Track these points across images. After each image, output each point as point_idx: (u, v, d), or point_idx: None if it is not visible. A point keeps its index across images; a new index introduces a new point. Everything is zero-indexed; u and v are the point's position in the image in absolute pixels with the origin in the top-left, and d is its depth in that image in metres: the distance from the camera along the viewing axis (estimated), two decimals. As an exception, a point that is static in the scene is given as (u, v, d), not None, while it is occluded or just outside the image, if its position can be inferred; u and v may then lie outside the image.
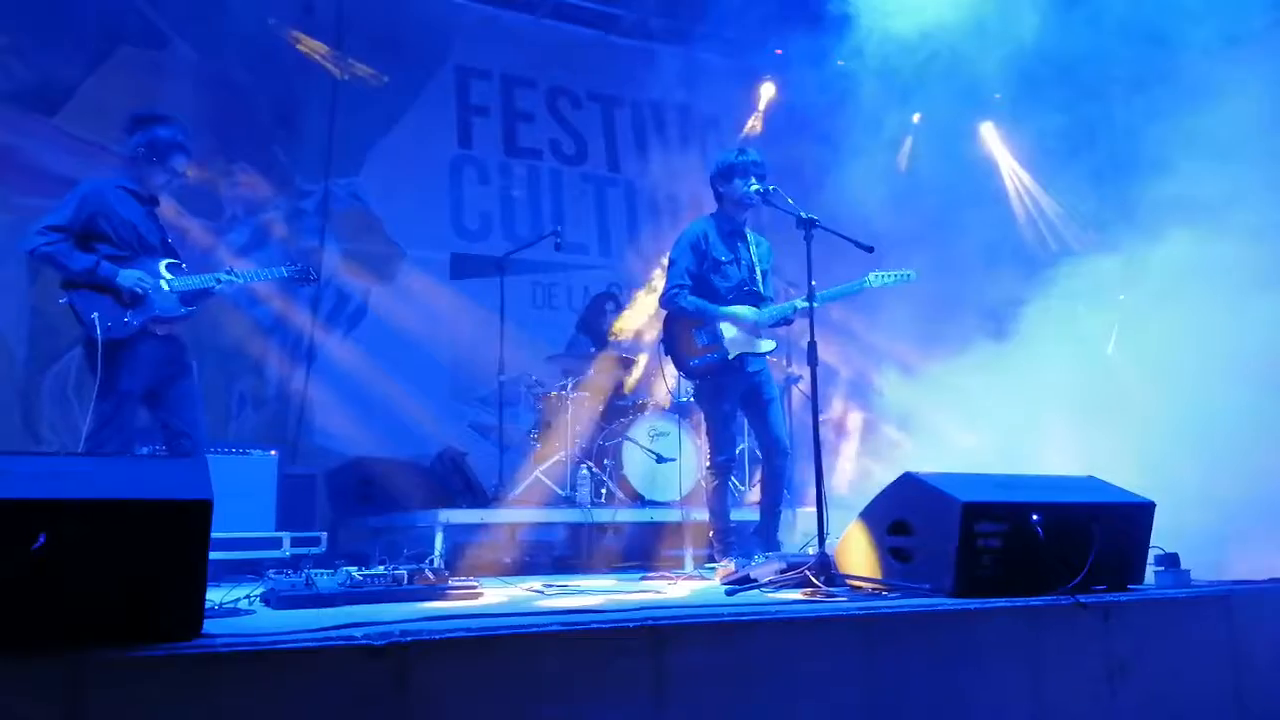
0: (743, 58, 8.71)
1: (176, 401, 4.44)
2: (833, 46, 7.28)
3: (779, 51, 8.53)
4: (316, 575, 3.49)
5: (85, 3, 6.68)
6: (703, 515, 5.83)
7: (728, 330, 4.89)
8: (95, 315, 4.19)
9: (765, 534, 4.98)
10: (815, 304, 4.34)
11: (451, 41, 8.03)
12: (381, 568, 3.68)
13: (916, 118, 8.50)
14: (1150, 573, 3.87)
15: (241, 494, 5.19)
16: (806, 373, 4.37)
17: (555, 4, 8.19)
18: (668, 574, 5.03)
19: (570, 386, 6.29)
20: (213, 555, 2.50)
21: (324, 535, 5.59)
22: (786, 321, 5.06)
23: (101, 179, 4.50)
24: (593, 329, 7.04)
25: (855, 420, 7.75)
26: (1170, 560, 3.93)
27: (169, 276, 4.42)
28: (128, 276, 4.29)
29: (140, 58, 6.88)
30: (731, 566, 4.58)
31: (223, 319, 6.88)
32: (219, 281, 4.52)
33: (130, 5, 6.86)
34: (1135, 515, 3.79)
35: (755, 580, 3.88)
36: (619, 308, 7.24)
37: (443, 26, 7.97)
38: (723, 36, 8.57)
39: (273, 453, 5.70)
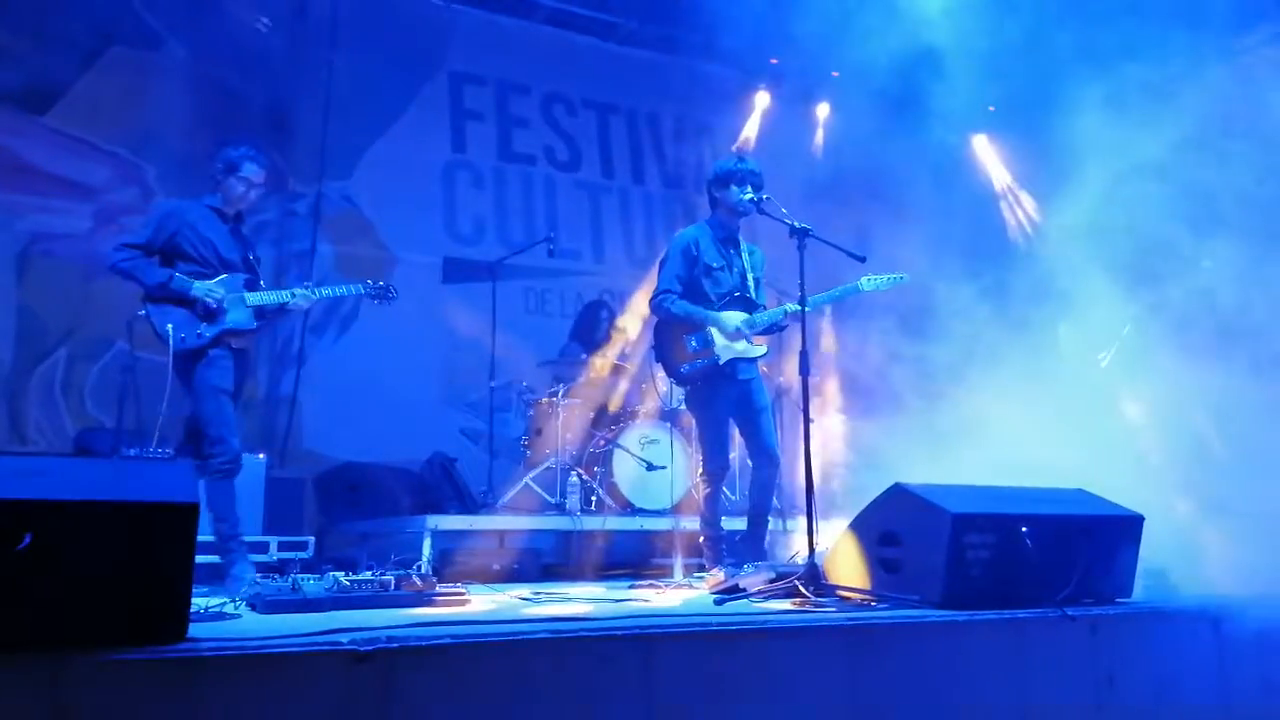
0: (739, 67, 8.73)
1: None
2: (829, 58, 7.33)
3: (774, 61, 8.56)
4: (303, 580, 3.48)
5: (78, 2, 6.65)
6: (693, 524, 5.82)
7: (718, 336, 4.88)
8: (169, 326, 4.40)
9: (751, 543, 4.95)
10: (807, 308, 4.35)
11: (447, 46, 8.03)
12: (369, 573, 3.67)
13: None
14: (1138, 585, 3.88)
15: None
16: (798, 382, 4.37)
17: (552, 10, 8.20)
18: (657, 582, 5.02)
19: (561, 393, 6.27)
20: (199, 558, 2.49)
21: (311, 540, 5.55)
22: (779, 328, 5.04)
23: (185, 199, 4.73)
24: (586, 337, 7.03)
25: (843, 428, 7.74)
26: (1158, 574, 3.94)
27: (245, 292, 4.58)
28: (201, 288, 4.46)
29: (133, 58, 6.86)
30: (721, 575, 4.57)
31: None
32: (293, 296, 4.68)
33: (124, 5, 6.84)
34: (1124, 528, 3.80)
35: (744, 590, 3.87)
36: (613, 316, 7.23)
37: (438, 31, 7.98)
38: (719, 46, 8.59)
39: (260, 456, 5.67)
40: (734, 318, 4.91)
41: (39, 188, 6.49)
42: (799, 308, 4.34)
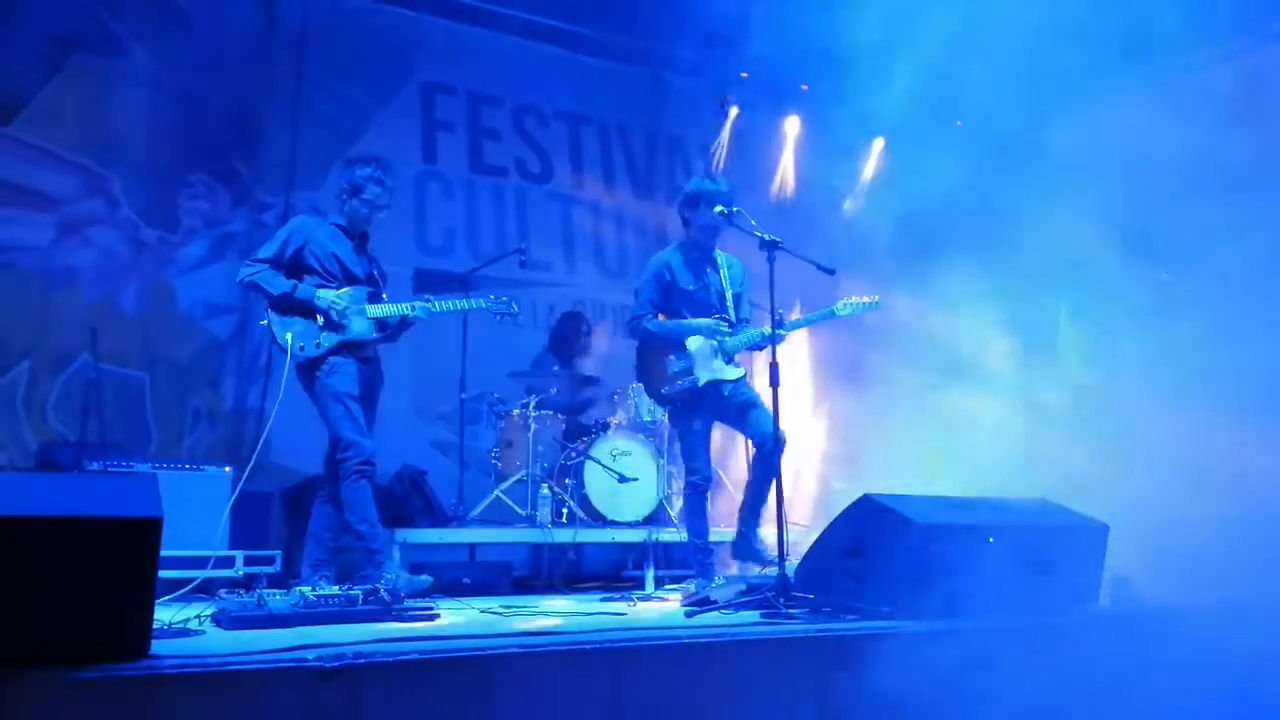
0: (709, 80, 8.78)
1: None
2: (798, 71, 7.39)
3: (744, 75, 8.62)
4: (269, 595, 3.44)
5: (41, 9, 6.56)
6: (666, 535, 5.83)
7: (698, 357, 4.90)
8: (289, 335, 4.61)
9: (745, 533, 4.78)
10: (783, 331, 4.51)
11: (418, 57, 8.00)
12: (336, 588, 3.63)
13: (880, 142, 8.62)
14: (1104, 594, 3.93)
15: (194, 511, 5.07)
16: (769, 394, 4.40)
17: (524, 22, 8.19)
18: (628, 595, 5.01)
19: (533, 405, 6.26)
20: (163, 574, 2.46)
21: (279, 554, 5.48)
22: (758, 347, 5.03)
23: (312, 216, 5.00)
24: (563, 348, 7.00)
25: (817, 440, 7.79)
26: (1123, 582, 3.99)
27: (367, 305, 4.79)
28: (323, 298, 4.68)
29: (97, 65, 6.76)
30: (692, 587, 4.58)
31: (178, 331, 6.77)
32: (413, 308, 4.87)
33: (88, 12, 6.75)
34: (1089, 538, 3.85)
35: (715, 602, 3.88)
36: (590, 329, 7.22)
37: (409, 42, 7.94)
38: (690, 59, 8.62)
39: (227, 469, 5.59)
40: (707, 323, 4.91)
41: (3, 198, 6.38)
42: (777, 331, 4.43)
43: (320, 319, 4.67)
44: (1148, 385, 4.64)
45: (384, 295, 4.92)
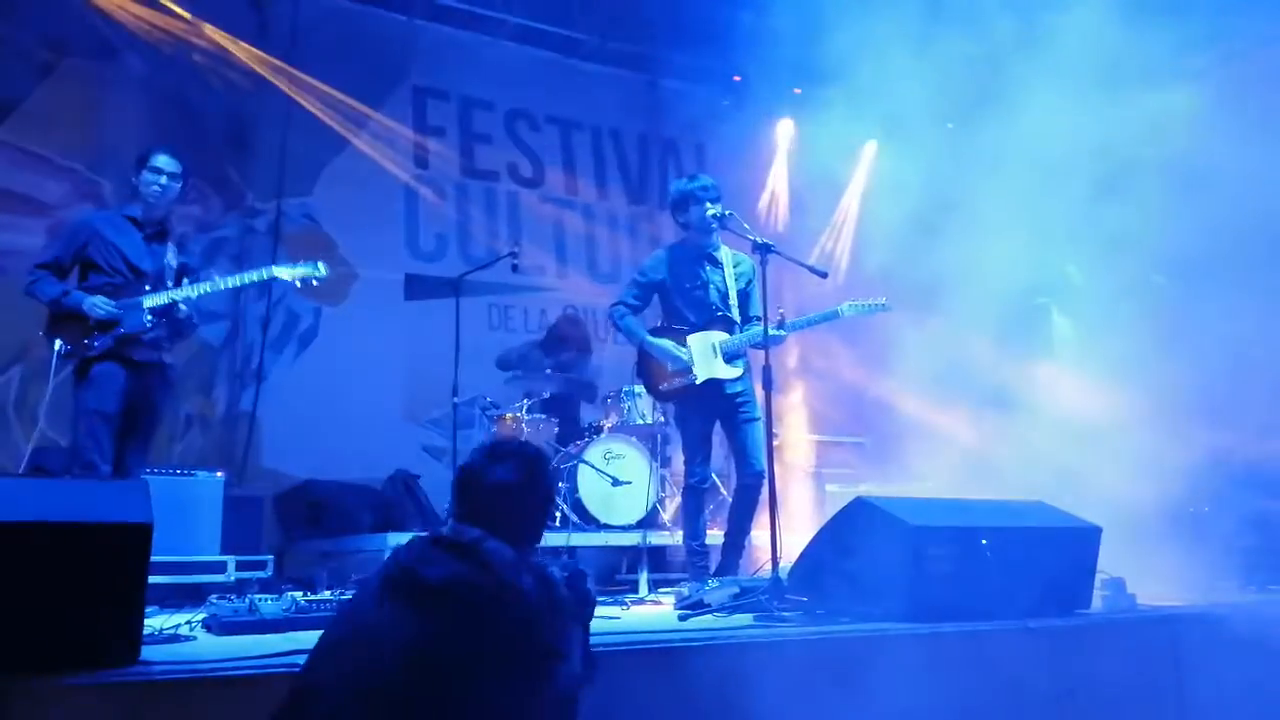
0: (701, 83, 8.80)
1: (131, 437, 4.47)
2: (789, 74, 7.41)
3: (737, 78, 8.64)
4: (261, 600, 3.42)
5: (32, 13, 6.55)
6: (657, 539, 5.83)
7: (697, 355, 4.83)
8: (58, 343, 4.34)
9: (726, 560, 4.80)
10: (785, 332, 4.50)
11: (409, 61, 8.00)
12: (329, 593, 3.62)
13: (872, 145, 8.64)
14: (1097, 597, 3.94)
15: (185, 516, 5.06)
16: (761, 396, 4.40)
17: (516, 26, 8.20)
18: (621, 598, 5.00)
19: (525, 409, 6.25)
20: (154, 579, 2.45)
21: (271, 559, 5.46)
22: (759, 346, 4.91)
23: (100, 210, 4.71)
24: (554, 350, 6.99)
25: (810, 441, 7.79)
26: (1116, 585, 4.00)
27: (145, 298, 4.44)
28: (90, 304, 4.36)
29: (88, 70, 6.75)
30: (685, 590, 4.56)
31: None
32: (192, 289, 4.47)
33: (79, 17, 6.74)
34: (1082, 540, 3.85)
35: (709, 605, 3.88)
36: (587, 338, 7.22)
37: (400, 46, 7.95)
38: (682, 62, 8.65)
39: (219, 474, 5.58)
40: (670, 348, 4.84)
41: (-8, 203, 6.36)
42: (779, 331, 4.43)
43: (93, 323, 4.34)
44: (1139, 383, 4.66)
45: (169, 284, 4.52)
